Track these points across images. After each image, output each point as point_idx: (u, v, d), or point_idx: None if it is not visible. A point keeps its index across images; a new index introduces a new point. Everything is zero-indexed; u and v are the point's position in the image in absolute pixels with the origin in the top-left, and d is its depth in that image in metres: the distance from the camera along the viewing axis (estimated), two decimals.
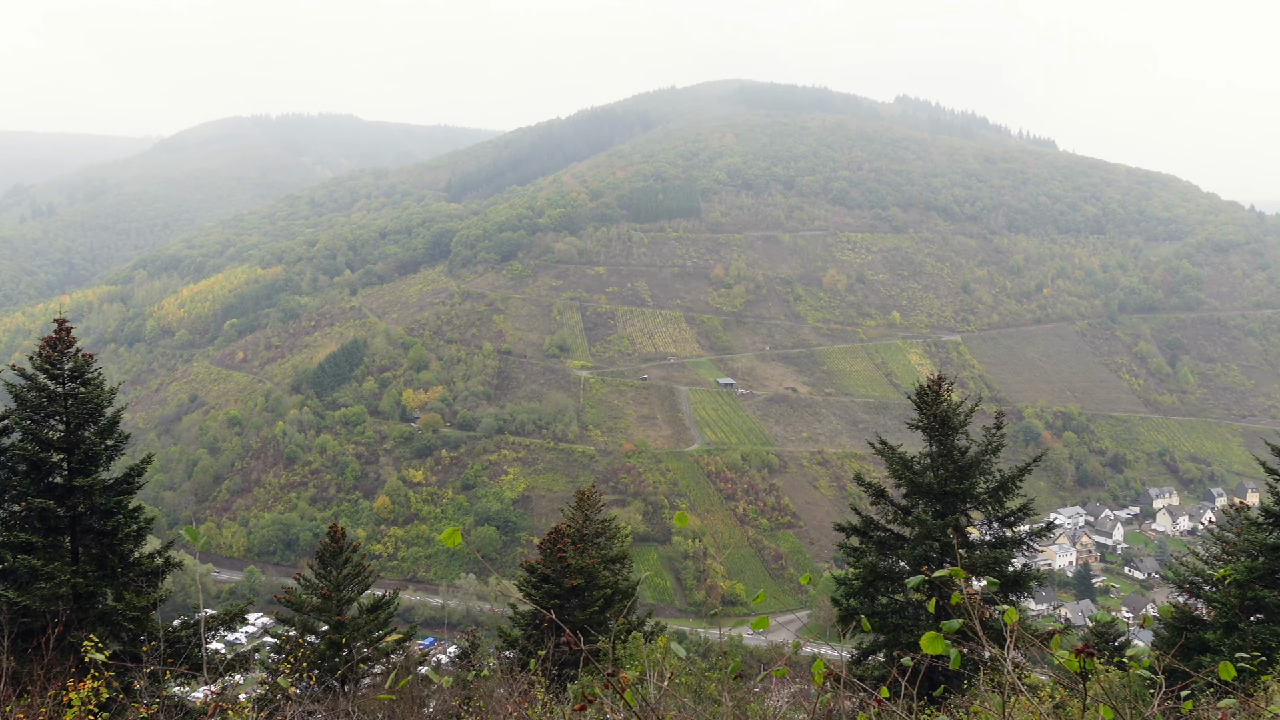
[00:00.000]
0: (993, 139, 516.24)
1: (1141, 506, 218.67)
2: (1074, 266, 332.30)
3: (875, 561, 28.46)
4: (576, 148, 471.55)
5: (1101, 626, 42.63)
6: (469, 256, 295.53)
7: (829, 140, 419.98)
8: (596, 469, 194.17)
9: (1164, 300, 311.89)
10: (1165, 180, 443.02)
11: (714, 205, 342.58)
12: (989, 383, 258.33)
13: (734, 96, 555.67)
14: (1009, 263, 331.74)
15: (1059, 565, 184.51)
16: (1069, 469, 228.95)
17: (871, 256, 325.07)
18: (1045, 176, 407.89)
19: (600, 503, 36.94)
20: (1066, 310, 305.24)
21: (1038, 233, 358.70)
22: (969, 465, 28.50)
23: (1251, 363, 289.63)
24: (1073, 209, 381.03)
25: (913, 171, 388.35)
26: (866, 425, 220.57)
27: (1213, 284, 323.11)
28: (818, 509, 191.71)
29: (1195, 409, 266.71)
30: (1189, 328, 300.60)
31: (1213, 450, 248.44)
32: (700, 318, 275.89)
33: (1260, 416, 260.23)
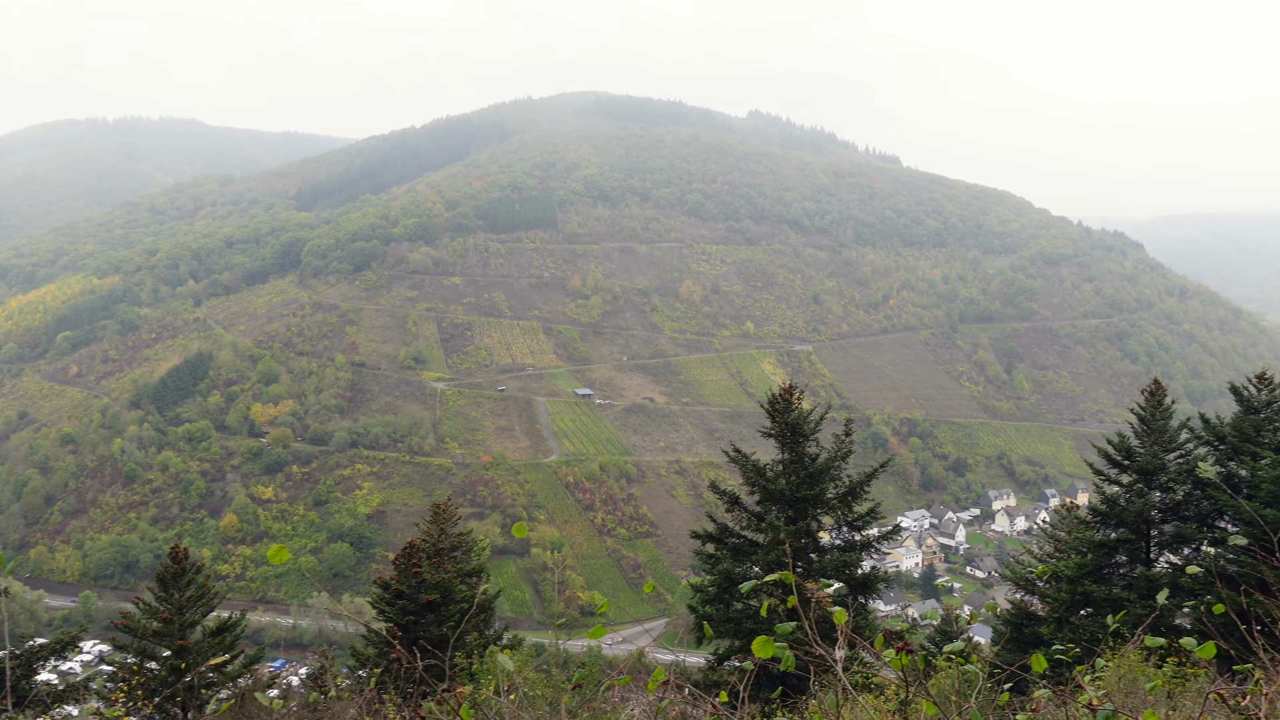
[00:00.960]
0: (841, 154, 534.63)
1: (982, 508, 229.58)
2: (918, 278, 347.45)
3: (730, 568, 28.38)
4: (432, 157, 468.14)
5: (945, 624, 44.28)
6: (320, 267, 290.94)
7: (684, 153, 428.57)
8: (454, 482, 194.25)
9: (1001, 311, 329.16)
10: (1001, 196, 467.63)
11: (571, 216, 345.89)
12: (839, 391, 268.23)
13: (591, 108, 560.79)
14: (857, 274, 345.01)
15: (906, 566, 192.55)
16: (915, 473, 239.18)
17: (726, 268, 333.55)
18: (890, 191, 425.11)
19: (457, 516, 36.17)
20: (911, 320, 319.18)
21: (884, 245, 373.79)
22: (819, 471, 28.80)
23: (1080, 370, 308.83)
24: (916, 223, 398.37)
25: (765, 185, 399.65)
26: (722, 434, 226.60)
27: (1045, 295, 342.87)
28: (675, 517, 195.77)
29: (1030, 414, 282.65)
30: (1024, 337, 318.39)
31: (1046, 453, 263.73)
32: (558, 329, 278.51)
33: (1089, 421, 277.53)
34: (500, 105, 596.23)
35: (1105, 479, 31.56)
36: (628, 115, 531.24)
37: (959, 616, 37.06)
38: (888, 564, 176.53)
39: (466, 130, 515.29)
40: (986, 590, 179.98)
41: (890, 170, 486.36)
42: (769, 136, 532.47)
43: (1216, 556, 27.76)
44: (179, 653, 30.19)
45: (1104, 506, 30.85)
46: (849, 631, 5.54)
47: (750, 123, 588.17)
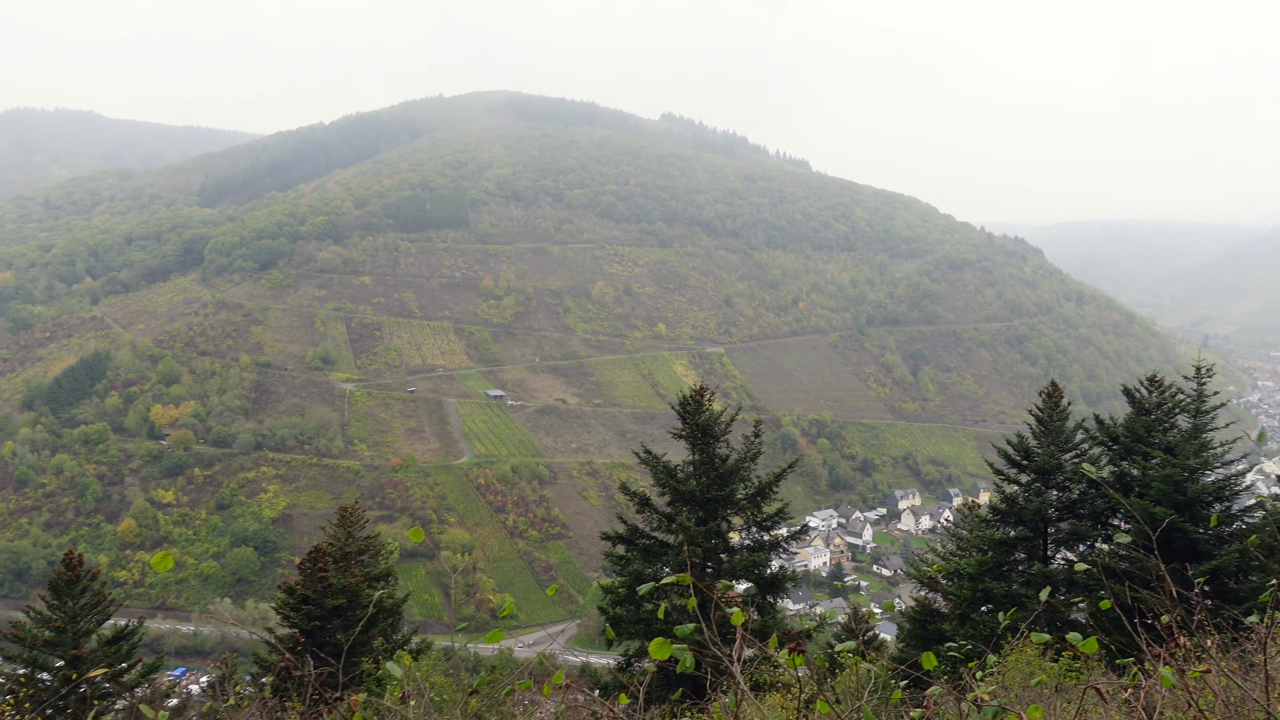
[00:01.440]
0: (753, 158, 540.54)
1: (888, 507, 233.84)
2: (827, 281, 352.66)
3: (640, 569, 28.40)
4: (341, 154, 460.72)
5: (851, 622, 46.05)
6: (225, 265, 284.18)
7: (597, 155, 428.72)
8: (362, 484, 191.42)
9: (907, 314, 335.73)
10: (907, 202, 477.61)
11: (483, 216, 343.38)
12: (750, 392, 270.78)
13: (504, 108, 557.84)
14: (768, 277, 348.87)
15: (814, 566, 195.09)
16: (823, 474, 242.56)
17: (639, 269, 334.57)
18: (800, 195, 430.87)
19: (365, 519, 35.65)
20: (820, 323, 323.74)
21: (794, 249, 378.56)
22: (729, 472, 28.97)
23: (983, 372, 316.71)
24: (825, 227, 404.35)
25: (678, 188, 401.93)
26: (634, 435, 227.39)
27: (949, 299, 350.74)
28: (587, 519, 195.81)
29: (935, 415, 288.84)
30: (929, 340, 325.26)
31: (950, 453, 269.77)
32: (470, 329, 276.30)
33: (990, 422, 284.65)
34: (412, 103, 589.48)
35: (1005, 479, 32.26)
36: (541, 116, 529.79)
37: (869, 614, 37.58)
38: (796, 563, 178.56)
39: (377, 127, 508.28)
40: (893, 588, 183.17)
41: (800, 175, 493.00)
42: (682, 139, 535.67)
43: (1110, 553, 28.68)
44: (72, 663, 29.44)
45: (1003, 505, 31.61)
46: (746, 634, 5.54)
47: (663, 125, 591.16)
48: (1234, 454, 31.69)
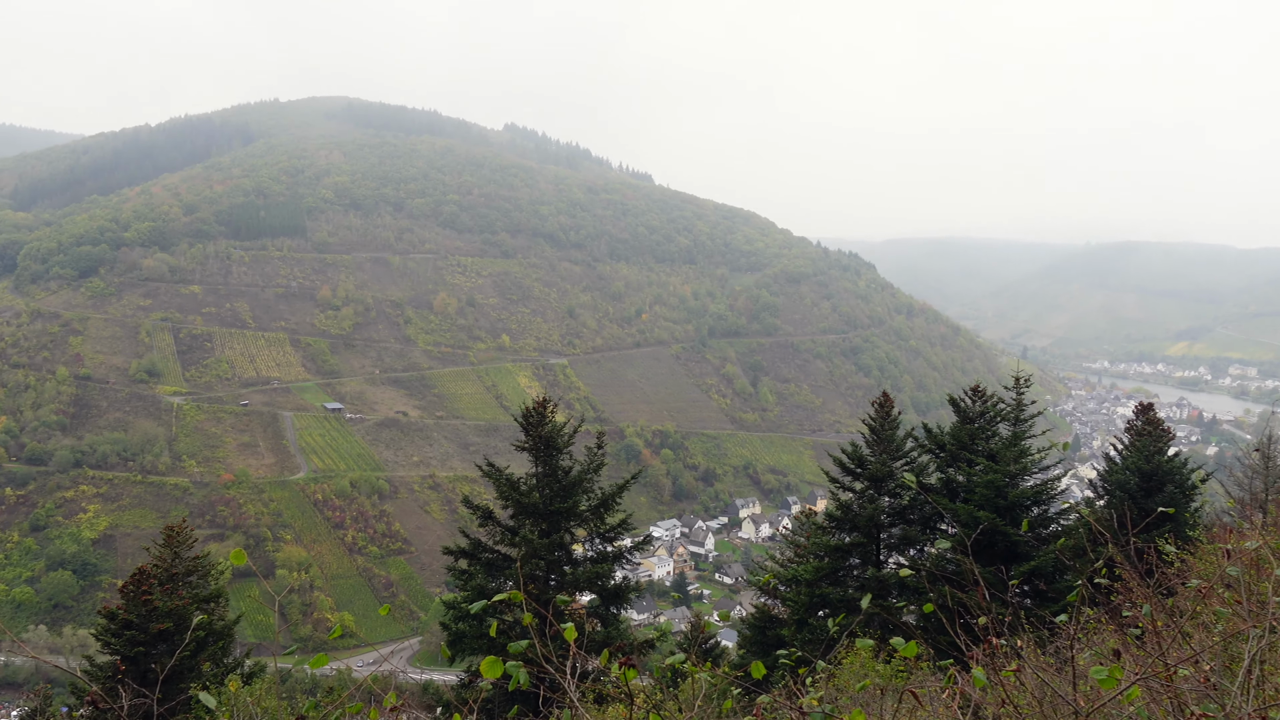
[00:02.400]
0: (596, 170, 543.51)
1: (729, 516, 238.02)
2: (669, 294, 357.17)
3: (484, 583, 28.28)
4: (169, 158, 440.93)
5: (693, 631, 46.67)
6: (40, 272, 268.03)
7: (439, 164, 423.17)
8: (191, 502, 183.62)
9: (747, 326, 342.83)
10: (747, 216, 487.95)
11: (321, 224, 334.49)
12: (593, 404, 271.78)
13: (342, 114, 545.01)
14: (611, 289, 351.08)
15: (658, 575, 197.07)
16: (666, 484, 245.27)
17: (482, 280, 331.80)
18: (643, 208, 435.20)
19: (193, 538, 34.16)
20: (663, 335, 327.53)
21: (637, 261, 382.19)
22: (573, 484, 28.96)
23: (819, 383, 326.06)
24: (668, 240, 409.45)
25: (521, 199, 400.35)
26: (477, 447, 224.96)
27: (787, 312, 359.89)
28: (429, 533, 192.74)
29: (774, 425, 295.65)
30: (768, 351, 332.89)
31: (789, 462, 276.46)
32: (306, 340, 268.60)
33: (827, 431, 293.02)
34: (245, 106, 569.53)
35: (840, 486, 33.30)
36: (381, 123, 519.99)
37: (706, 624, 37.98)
38: (640, 574, 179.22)
39: (208, 131, 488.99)
40: (734, 596, 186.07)
41: (643, 188, 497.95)
42: (525, 150, 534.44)
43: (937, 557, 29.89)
44: None
45: (839, 512, 32.62)
46: (578, 649, 5.52)
47: (506, 136, 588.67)
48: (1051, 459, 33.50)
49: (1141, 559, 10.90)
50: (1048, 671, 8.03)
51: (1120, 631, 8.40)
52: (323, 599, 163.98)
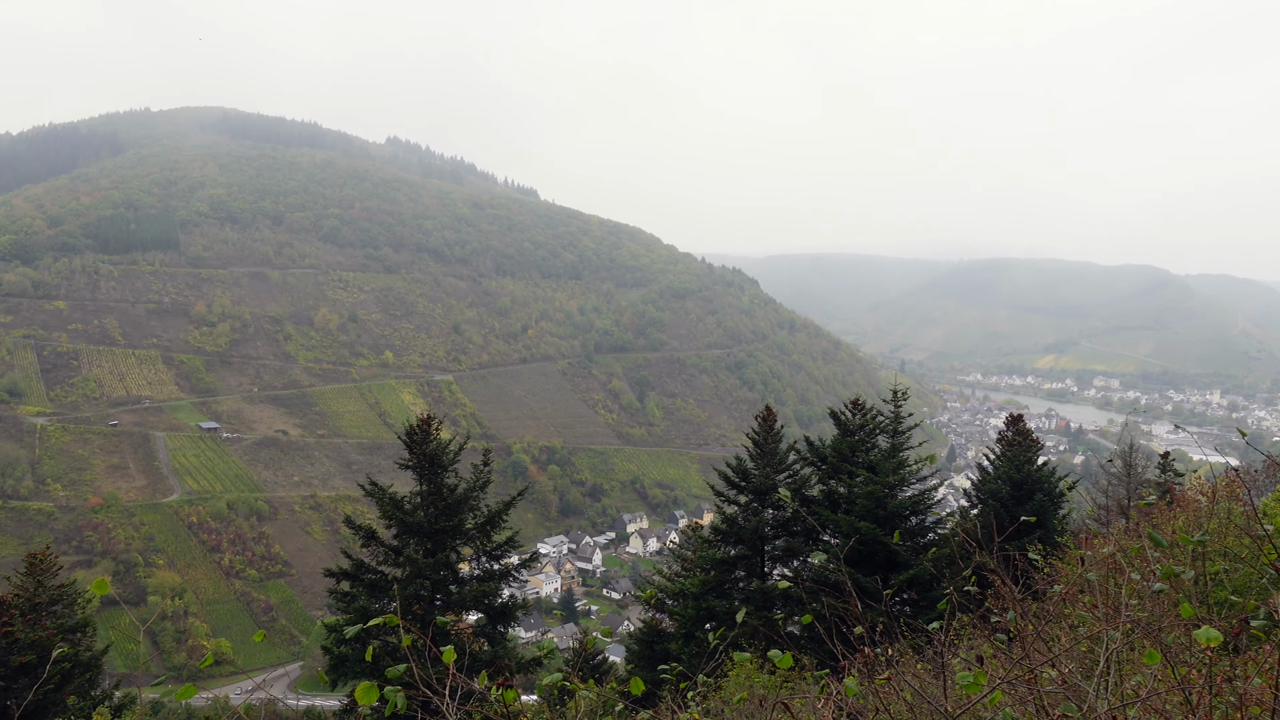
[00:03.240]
0: (481, 185, 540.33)
1: (617, 531, 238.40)
2: (555, 309, 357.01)
3: (367, 605, 27.73)
4: (31, 168, 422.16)
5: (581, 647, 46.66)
6: None
7: (320, 177, 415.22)
8: (56, 528, 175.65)
9: (633, 341, 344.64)
10: (633, 232, 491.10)
11: (195, 239, 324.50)
12: (480, 420, 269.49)
13: (218, 125, 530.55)
14: (497, 304, 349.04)
15: (546, 592, 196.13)
16: (554, 500, 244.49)
17: (364, 296, 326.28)
18: (529, 224, 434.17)
19: (57, 565, 33.09)
20: (550, 350, 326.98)
21: (523, 277, 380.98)
22: (458, 502, 28.58)
23: (705, 397, 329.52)
24: (554, 255, 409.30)
25: (405, 213, 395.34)
26: (361, 466, 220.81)
27: (673, 327, 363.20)
28: (311, 555, 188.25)
29: (660, 440, 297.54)
30: (654, 366, 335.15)
31: (676, 476, 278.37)
32: (180, 358, 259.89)
33: (713, 445, 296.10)
34: (114, 115, 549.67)
35: (725, 500, 33.58)
36: (259, 135, 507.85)
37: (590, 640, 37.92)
38: (528, 591, 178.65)
39: (74, 140, 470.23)
40: (622, 611, 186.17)
41: (529, 203, 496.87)
42: (408, 164, 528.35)
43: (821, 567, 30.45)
44: None
45: (724, 525, 32.93)
46: (455, 672, 5.41)
47: (389, 149, 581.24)
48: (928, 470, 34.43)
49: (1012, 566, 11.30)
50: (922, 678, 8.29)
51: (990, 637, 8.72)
52: (198, 625, 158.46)
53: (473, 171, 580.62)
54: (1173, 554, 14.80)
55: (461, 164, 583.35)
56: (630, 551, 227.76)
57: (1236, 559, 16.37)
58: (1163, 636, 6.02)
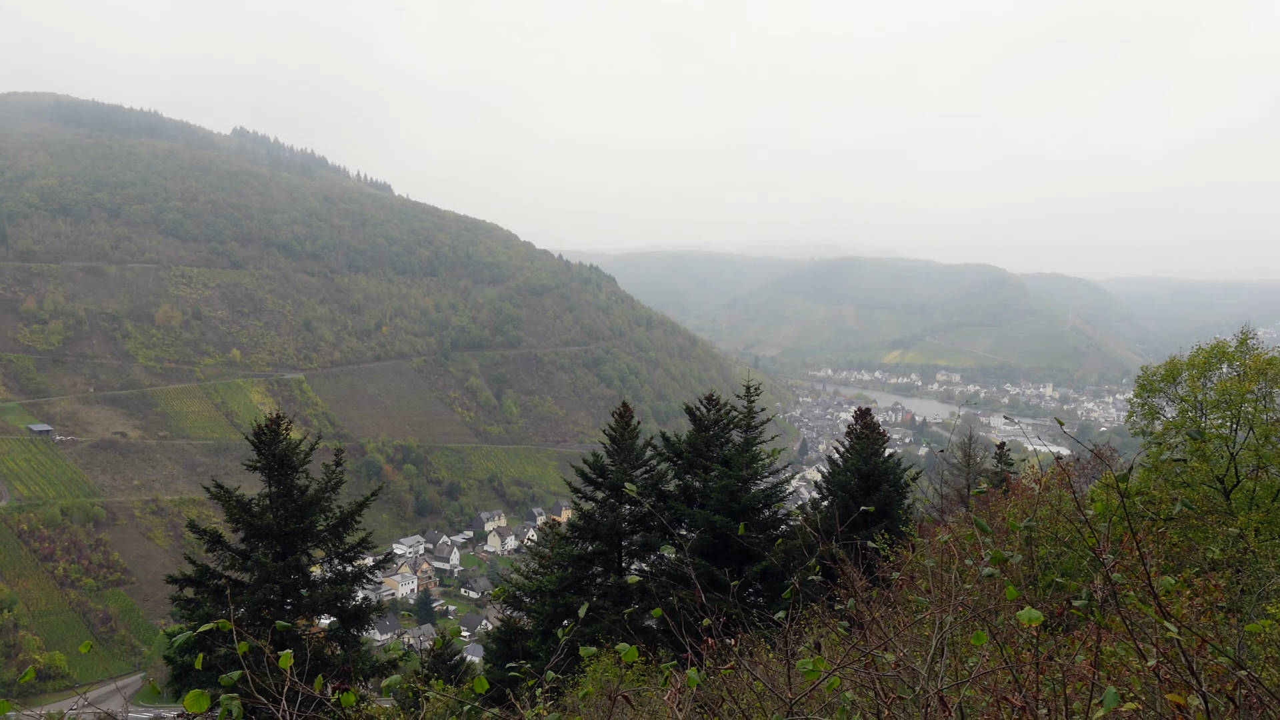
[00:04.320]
0: (333, 179, 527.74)
1: (475, 530, 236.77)
2: (411, 306, 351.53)
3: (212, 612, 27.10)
4: None
5: (439, 648, 45.81)
6: None
7: (161, 169, 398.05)
8: None
9: (491, 338, 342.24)
10: (489, 228, 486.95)
11: (24, 231, 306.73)
12: (332, 419, 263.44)
13: (49, 112, 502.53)
14: (350, 301, 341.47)
15: (402, 593, 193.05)
16: (410, 500, 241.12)
17: (209, 292, 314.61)
18: (383, 219, 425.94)
19: None
20: (405, 348, 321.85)
21: (377, 273, 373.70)
22: (309, 503, 28.21)
23: (563, 394, 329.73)
24: (409, 251, 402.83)
25: (252, 207, 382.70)
26: (206, 469, 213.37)
27: (530, 324, 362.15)
28: (153, 562, 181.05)
29: (518, 437, 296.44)
30: (512, 363, 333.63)
31: (534, 474, 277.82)
32: (8, 357, 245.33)
33: (570, 442, 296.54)
34: None
35: (583, 496, 33.85)
36: (95, 123, 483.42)
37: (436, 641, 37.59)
38: (383, 593, 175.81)
39: None
40: (480, 610, 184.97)
41: (383, 198, 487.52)
42: (256, 156, 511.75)
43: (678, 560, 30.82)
44: None
45: (581, 522, 33.21)
46: (291, 676, 5.27)
47: (236, 140, 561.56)
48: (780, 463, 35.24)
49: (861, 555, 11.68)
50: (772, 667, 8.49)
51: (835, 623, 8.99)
52: (30, 639, 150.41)
53: (324, 165, 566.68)
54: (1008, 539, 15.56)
55: (312, 157, 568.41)
56: (488, 550, 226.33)
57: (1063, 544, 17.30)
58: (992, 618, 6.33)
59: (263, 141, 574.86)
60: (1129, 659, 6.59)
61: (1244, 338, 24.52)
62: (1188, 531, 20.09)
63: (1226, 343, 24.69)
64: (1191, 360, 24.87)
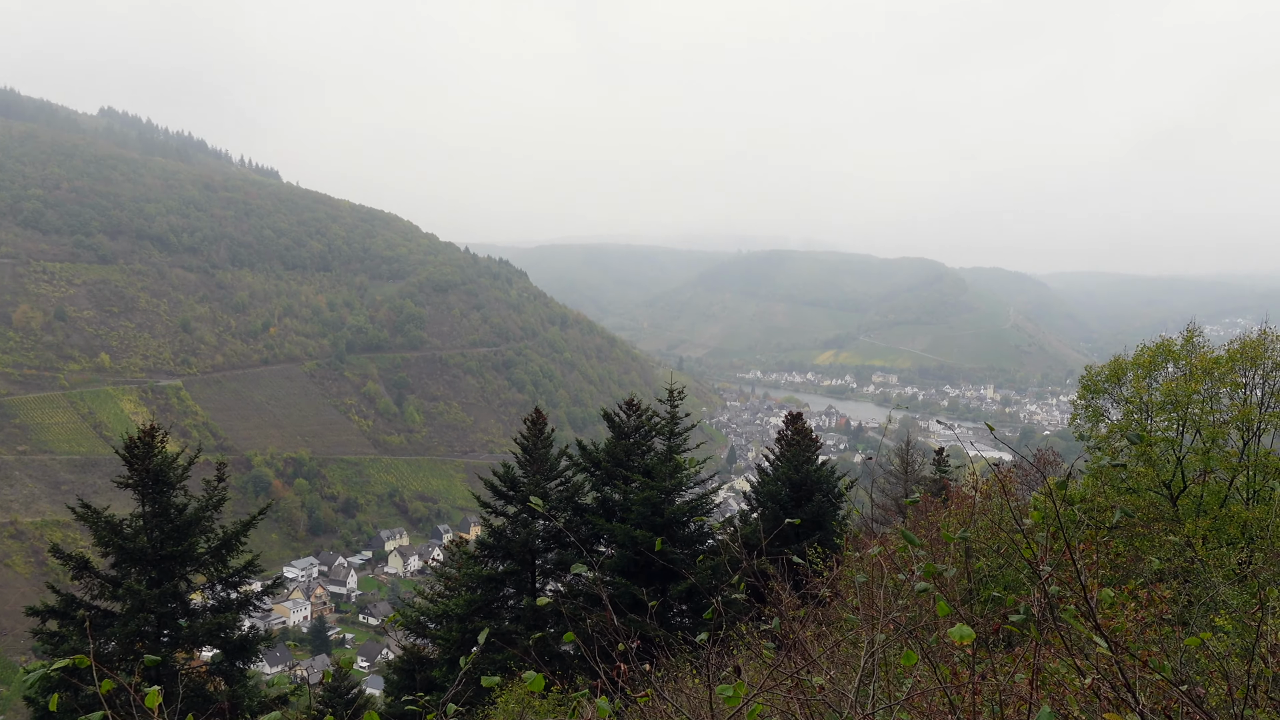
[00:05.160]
0: (213, 165, 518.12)
1: (374, 550, 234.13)
2: (301, 304, 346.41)
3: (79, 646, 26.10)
4: None
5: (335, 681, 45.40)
6: None
7: (18, 153, 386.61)
8: None
9: (390, 340, 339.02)
10: (388, 219, 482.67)
11: None
12: (215, 430, 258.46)
13: None
14: (234, 300, 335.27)
15: (294, 621, 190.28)
16: (302, 518, 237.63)
17: (74, 290, 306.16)
18: (270, 209, 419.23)
19: None
20: (295, 350, 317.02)
21: (263, 268, 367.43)
22: (188, 524, 27.72)
23: (470, 400, 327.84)
24: (299, 244, 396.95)
25: (123, 195, 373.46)
26: (72, 487, 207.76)
27: (434, 323, 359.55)
28: (12, 591, 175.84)
29: (422, 448, 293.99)
30: (414, 367, 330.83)
31: (439, 488, 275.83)
32: None
33: (479, 452, 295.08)
34: None
35: (492, 511, 33.74)
36: None
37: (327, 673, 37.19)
38: (272, 621, 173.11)
39: None
40: (381, 638, 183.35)
41: (270, 185, 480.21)
42: (126, 139, 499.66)
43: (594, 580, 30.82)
44: None
45: (491, 539, 33.04)
46: (160, 716, 5.17)
47: (103, 121, 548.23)
48: (706, 473, 35.49)
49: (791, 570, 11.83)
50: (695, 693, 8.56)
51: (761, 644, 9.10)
52: None
53: (203, 149, 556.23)
54: (949, 551, 15.87)
55: (190, 140, 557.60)
56: (389, 572, 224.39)
57: (999, 556, 17.70)
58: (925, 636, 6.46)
59: (134, 123, 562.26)
60: (1069, 677, 6.79)
61: (1189, 335, 25.27)
62: (1133, 540, 20.67)
63: (1172, 341, 25.43)
64: (1136, 359, 25.55)
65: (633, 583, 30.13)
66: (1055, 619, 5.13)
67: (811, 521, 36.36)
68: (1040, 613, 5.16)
